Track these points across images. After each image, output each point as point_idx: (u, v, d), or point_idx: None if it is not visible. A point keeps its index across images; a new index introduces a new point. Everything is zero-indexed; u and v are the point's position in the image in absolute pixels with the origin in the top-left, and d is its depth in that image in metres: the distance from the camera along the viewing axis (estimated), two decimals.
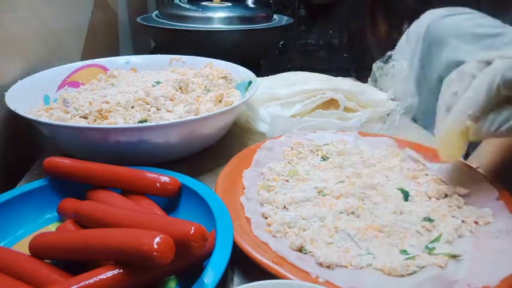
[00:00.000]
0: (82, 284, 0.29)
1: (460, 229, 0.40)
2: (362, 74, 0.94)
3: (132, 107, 0.54)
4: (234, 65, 0.72)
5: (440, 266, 0.35)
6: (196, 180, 0.44)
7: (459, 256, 0.36)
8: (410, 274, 0.35)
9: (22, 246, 0.38)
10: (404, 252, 0.37)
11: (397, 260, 0.35)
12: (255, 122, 0.66)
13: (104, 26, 1.03)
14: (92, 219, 0.36)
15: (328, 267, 0.36)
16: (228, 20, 0.99)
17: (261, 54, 1.20)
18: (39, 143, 0.65)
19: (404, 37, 0.91)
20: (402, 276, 0.35)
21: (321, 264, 0.36)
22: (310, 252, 0.37)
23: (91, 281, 0.29)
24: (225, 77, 0.69)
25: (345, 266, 0.36)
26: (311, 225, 0.40)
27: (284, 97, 0.68)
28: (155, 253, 0.28)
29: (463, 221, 0.41)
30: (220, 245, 0.34)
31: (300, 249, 0.38)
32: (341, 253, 0.37)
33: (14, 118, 0.55)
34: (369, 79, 0.94)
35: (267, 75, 0.82)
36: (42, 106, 0.58)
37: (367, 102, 0.69)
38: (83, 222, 0.38)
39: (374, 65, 0.86)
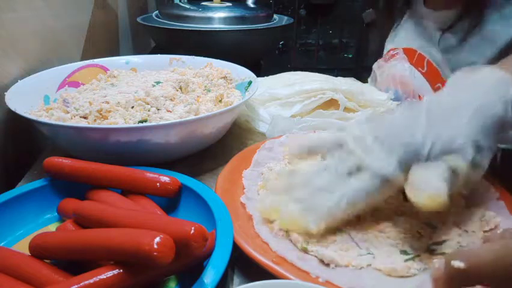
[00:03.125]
0: (82, 284, 0.29)
1: (462, 239, 0.39)
2: (362, 74, 0.94)
3: (132, 107, 0.54)
4: (234, 65, 0.72)
5: None
6: (196, 180, 0.44)
7: None
8: (410, 276, 0.35)
9: (22, 246, 0.38)
10: (404, 252, 0.37)
11: (398, 261, 0.35)
12: (254, 122, 0.66)
13: (104, 26, 1.03)
14: (92, 219, 0.36)
15: (328, 267, 0.35)
16: (228, 20, 0.99)
17: (261, 54, 1.21)
18: (39, 143, 0.65)
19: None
20: (402, 276, 0.35)
21: (321, 264, 0.36)
22: (310, 251, 0.37)
23: (91, 281, 0.29)
24: (225, 77, 0.69)
25: (346, 266, 0.36)
26: None
27: (284, 97, 0.68)
28: (155, 253, 0.28)
29: (465, 231, 0.40)
30: (220, 245, 0.34)
31: (303, 249, 0.38)
32: (341, 253, 0.37)
33: (14, 118, 0.55)
34: (369, 79, 0.94)
35: (267, 75, 0.82)
36: (42, 106, 0.58)
37: (367, 102, 0.69)
38: (83, 222, 0.38)
39: (374, 64, 0.86)
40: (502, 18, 0.74)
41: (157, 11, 1.13)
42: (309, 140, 0.44)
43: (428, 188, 0.35)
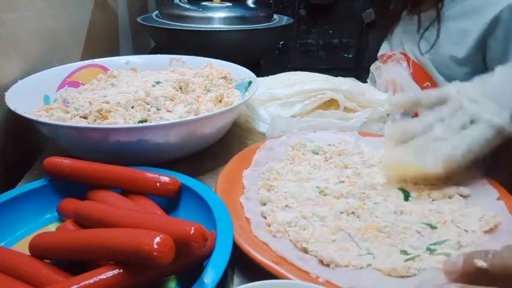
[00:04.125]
0: (82, 284, 0.29)
1: (462, 239, 0.39)
2: (362, 74, 0.95)
3: (132, 107, 0.54)
4: (234, 65, 0.71)
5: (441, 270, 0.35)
6: (196, 180, 0.44)
7: None
8: (410, 276, 0.35)
9: (22, 246, 0.38)
10: (404, 252, 0.37)
11: (397, 261, 0.35)
12: (254, 122, 0.66)
13: (104, 26, 1.03)
14: (92, 219, 0.36)
15: (328, 267, 0.35)
16: (228, 20, 0.99)
17: (261, 54, 1.20)
18: (39, 143, 0.65)
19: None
20: (402, 276, 0.34)
21: (321, 264, 0.36)
22: (310, 251, 0.37)
23: (91, 281, 0.29)
24: (225, 77, 0.69)
25: (346, 266, 0.36)
26: (311, 225, 0.40)
27: (284, 97, 0.68)
28: (155, 253, 0.28)
29: (465, 231, 0.40)
30: (220, 245, 0.34)
31: (303, 249, 0.38)
32: (341, 253, 0.37)
33: (14, 118, 0.55)
34: (368, 80, 0.94)
35: (267, 75, 0.82)
36: (42, 106, 0.58)
37: (367, 102, 0.69)
38: (83, 222, 0.38)
39: (372, 66, 0.86)
40: (468, 11, 0.79)
41: (157, 11, 1.13)
42: (414, 94, 0.50)
43: None
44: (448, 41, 0.83)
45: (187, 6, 1.05)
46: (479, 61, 0.82)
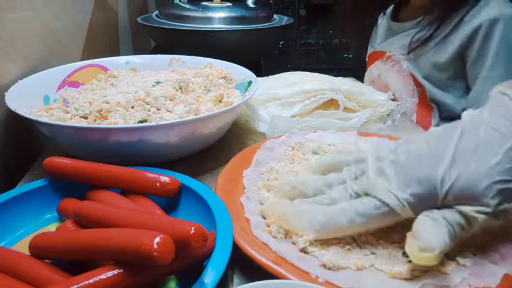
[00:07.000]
0: (82, 284, 0.29)
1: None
2: (362, 74, 0.94)
3: (132, 107, 0.54)
4: (234, 65, 0.72)
5: (444, 273, 0.35)
6: (196, 180, 0.44)
7: (464, 265, 0.36)
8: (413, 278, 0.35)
9: (22, 246, 0.38)
10: (406, 253, 0.37)
11: (400, 262, 0.35)
12: (254, 122, 0.66)
13: (104, 26, 1.03)
14: (92, 219, 0.36)
15: (329, 267, 0.35)
16: (228, 20, 0.99)
17: (261, 54, 1.21)
18: (39, 143, 0.65)
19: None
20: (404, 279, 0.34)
21: (321, 265, 0.36)
22: (312, 251, 0.37)
23: (91, 281, 0.29)
24: (225, 77, 0.69)
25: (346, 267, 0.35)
26: None
27: (284, 97, 0.68)
28: (155, 253, 0.28)
29: None
30: (220, 245, 0.34)
31: (303, 249, 0.37)
32: (343, 255, 0.37)
33: (14, 118, 0.55)
34: (365, 79, 0.94)
35: (267, 75, 0.82)
36: (42, 106, 0.58)
37: (367, 102, 0.69)
38: (83, 222, 0.38)
39: (371, 66, 0.86)
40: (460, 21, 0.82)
41: (157, 11, 1.13)
42: (331, 157, 0.42)
43: (424, 240, 0.32)
44: (431, 47, 0.88)
45: (187, 6, 1.05)
46: (459, 67, 0.86)
